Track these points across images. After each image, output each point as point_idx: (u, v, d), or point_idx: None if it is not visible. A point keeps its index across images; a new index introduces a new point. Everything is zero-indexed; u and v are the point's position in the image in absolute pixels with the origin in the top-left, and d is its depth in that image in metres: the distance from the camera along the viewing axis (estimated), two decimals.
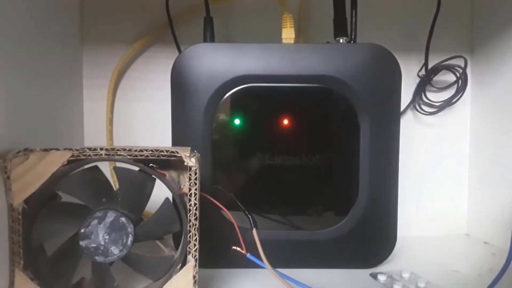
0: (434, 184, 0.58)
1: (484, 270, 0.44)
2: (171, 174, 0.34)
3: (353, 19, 0.45)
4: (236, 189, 0.43)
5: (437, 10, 0.52)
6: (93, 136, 0.54)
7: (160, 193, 0.33)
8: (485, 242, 0.54)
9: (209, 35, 0.45)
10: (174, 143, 0.43)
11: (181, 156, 0.31)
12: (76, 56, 0.53)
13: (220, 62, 0.41)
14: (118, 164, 0.32)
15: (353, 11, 0.45)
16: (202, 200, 0.35)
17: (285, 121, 0.43)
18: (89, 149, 0.31)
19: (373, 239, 0.43)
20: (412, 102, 0.56)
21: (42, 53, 0.43)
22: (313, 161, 0.42)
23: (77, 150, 0.31)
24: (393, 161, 0.43)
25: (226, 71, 0.41)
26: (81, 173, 0.32)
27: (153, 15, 0.53)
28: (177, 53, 0.48)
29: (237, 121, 0.43)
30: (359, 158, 0.42)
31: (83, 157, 0.31)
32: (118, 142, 0.54)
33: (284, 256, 0.42)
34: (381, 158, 0.42)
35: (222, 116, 0.42)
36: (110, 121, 0.53)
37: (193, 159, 0.31)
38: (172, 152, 0.32)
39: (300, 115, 0.43)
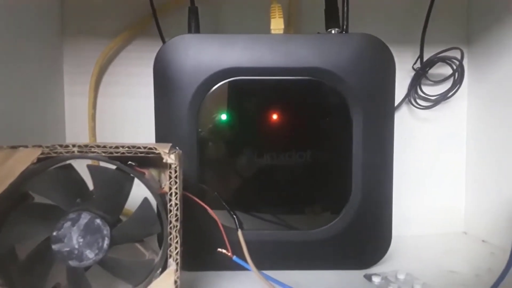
0: (430, 181, 0.56)
1: (483, 270, 0.42)
2: (151, 173, 0.32)
3: (345, 8, 0.43)
4: (223, 187, 0.41)
5: (432, 0, 0.50)
6: (75, 133, 0.52)
7: (141, 192, 0.31)
8: (483, 241, 0.52)
9: (194, 26, 0.43)
10: (158, 140, 0.41)
11: (159, 153, 0.29)
12: (56, 50, 0.51)
13: (206, 54, 0.40)
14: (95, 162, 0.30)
15: (345, 1, 0.43)
16: (186, 199, 0.33)
17: (274, 116, 0.41)
18: (61, 146, 0.29)
19: (367, 239, 0.41)
20: (407, 96, 0.54)
21: (20, 48, 0.41)
22: (303, 158, 0.41)
23: (47, 147, 0.29)
24: (388, 157, 0.41)
25: (212, 64, 0.39)
26: (53, 171, 0.30)
27: (136, 6, 0.51)
28: None
29: (223, 117, 0.41)
30: (351, 154, 0.40)
31: (54, 155, 0.29)
32: (102, 139, 0.52)
33: (274, 257, 0.40)
34: (374, 154, 0.41)
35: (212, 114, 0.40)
36: (93, 117, 0.51)
37: (172, 156, 0.29)
38: (150, 148, 0.30)
39: (290, 110, 0.41)
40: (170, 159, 0.29)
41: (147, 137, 0.42)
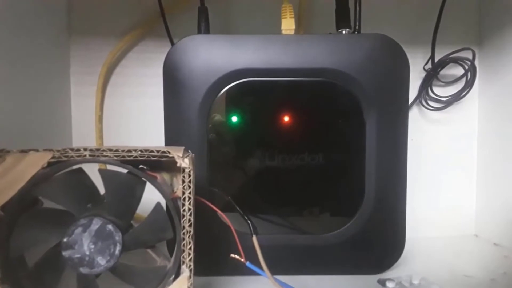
0: (441, 183, 0.56)
1: (498, 274, 0.41)
2: (163, 177, 0.31)
3: (357, 8, 0.42)
4: (234, 191, 0.40)
5: (443, 0, 0.50)
6: (82, 135, 0.51)
7: (152, 197, 0.30)
8: (495, 244, 0.51)
9: (203, 26, 0.43)
10: (168, 143, 0.40)
11: (173, 157, 0.29)
12: (63, 50, 0.50)
13: (216, 55, 0.39)
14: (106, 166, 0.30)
15: (357, 1, 0.43)
16: (198, 203, 0.33)
17: (286, 118, 0.40)
18: (72, 149, 0.28)
19: (380, 243, 0.41)
20: (418, 97, 0.54)
21: (26, 48, 0.40)
22: (316, 161, 0.40)
23: (58, 151, 0.28)
24: (401, 160, 0.41)
25: (222, 65, 0.39)
26: (63, 176, 0.29)
27: (144, 6, 0.50)
28: (170, 47, 0.45)
29: (234, 119, 0.40)
30: (365, 157, 0.40)
31: (65, 159, 0.28)
32: (109, 142, 0.51)
33: (286, 262, 0.40)
34: (388, 157, 0.40)
35: (218, 116, 0.40)
36: (100, 119, 0.50)
37: (186, 160, 0.29)
38: (164, 152, 0.29)
39: (302, 112, 0.40)
40: (184, 163, 0.29)
41: (155, 139, 0.41)
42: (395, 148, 0.40)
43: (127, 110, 0.52)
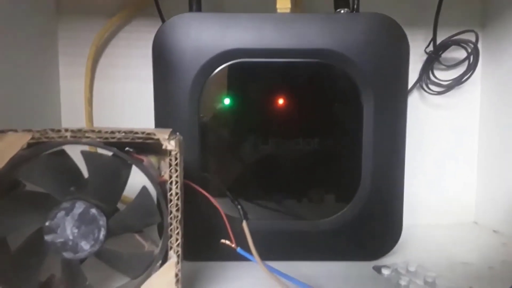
0: (441, 169, 0.54)
1: (496, 262, 0.41)
2: (150, 160, 0.30)
3: None
4: (228, 175, 0.39)
5: None
6: (71, 118, 0.50)
7: (141, 181, 0.29)
8: (494, 231, 0.51)
9: (195, 4, 0.41)
10: (158, 125, 0.39)
11: (158, 139, 0.27)
12: (51, 31, 0.48)
13: (208, 34, 0.37)
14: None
15: None
16: (188, 188, 0.31)
17: (280, 101, 0.39)
18: (52, 130, 0.27)
19: (377, 229, 0.40)
20: (418, 80, 0.52)
21: (13, 28, 0.39)
22: (312, 145, 0.39)
23: (38, 131, 0.27)
24: (399, 144, 0.39)
25: (214, 44, 0.37)
26: (44, 158, 0.28)
27: None
28: None
29: (226, 101, 0.39)
30: (362, 141, 0.38)
31: (46, 140, 0.27)
32: (100, 124, 0.50)
33: (281, 248, 0.39)
34: (386, 141, 0.39)
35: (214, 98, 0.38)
36: (89, 101, 0.49)
37: (172, 142, 0.27)
38: (149, 134, 0.28)
39: (297, 94, 0.39)
40: (170, 145, 0.27)
41: (147, 123, 0.40)
42: (393, 133, 0.39)
43: (117, 92, 0.50)
